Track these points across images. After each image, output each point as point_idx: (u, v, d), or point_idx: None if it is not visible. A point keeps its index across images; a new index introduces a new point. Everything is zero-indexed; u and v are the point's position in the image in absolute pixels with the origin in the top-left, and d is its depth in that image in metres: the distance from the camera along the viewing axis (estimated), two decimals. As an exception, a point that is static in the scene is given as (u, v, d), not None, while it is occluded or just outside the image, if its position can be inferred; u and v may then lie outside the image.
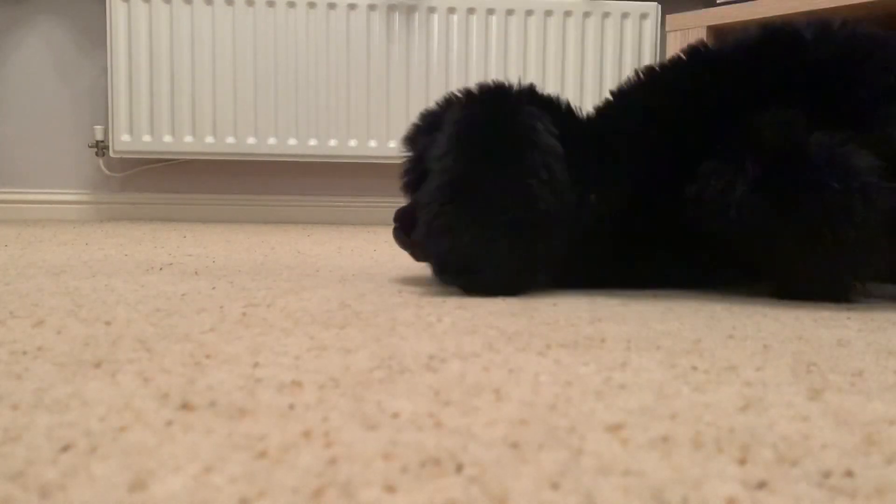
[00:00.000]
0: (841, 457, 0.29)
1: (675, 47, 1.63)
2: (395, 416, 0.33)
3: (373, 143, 1.82)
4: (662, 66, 0.78)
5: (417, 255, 0.81)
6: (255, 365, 0.42)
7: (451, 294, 0.71)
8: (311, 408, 0.34)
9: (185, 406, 0.34)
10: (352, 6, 1.80)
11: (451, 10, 1.82)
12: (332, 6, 1.80)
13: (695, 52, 0.77)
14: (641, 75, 0.78)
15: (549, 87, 1.83)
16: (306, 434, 0.31)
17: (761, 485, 0.26)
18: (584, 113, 0.78)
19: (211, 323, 0.55)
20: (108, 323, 0.54)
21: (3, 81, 1.89)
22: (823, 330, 0.56)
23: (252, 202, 1.93)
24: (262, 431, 0.31)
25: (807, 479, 0.27)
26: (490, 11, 1.82)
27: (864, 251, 0.65)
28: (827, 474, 0.27)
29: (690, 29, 1.52)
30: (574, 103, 0.79)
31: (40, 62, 1.89)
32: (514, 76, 1.83)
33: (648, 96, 0.76)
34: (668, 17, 1.62)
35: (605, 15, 1.83)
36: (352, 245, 1.26)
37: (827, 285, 0.70)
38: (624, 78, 0.81)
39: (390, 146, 1.82)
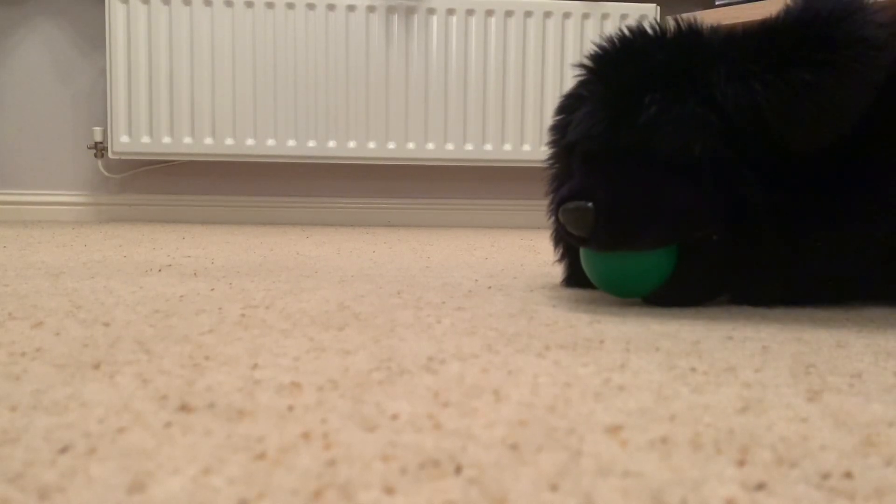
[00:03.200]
0: (840, 458, 0.29)
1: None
2: (394, 417, 0.33)
3: (372, 145, 1.82)
4: None
5: None
6: (254, 366, 0.42)
7: (449, 295, 0.71)
8: (310, 409, 0.34)
9: (184, 407, 0.34)
10: (350, 7, 1.80)
11: (451, 12, 1.82)
12: (330, 7, 1.80)
13: None
14: None
15: (547, 89, 1.83)
16: (305, 435, 0.31)
17: (760, 486, 0.26)
18: None
19: (210, 324, 0.55)
20: (106, 324, 0.54)
21: (2, 83, 1.89)
22: (822, 331, 0.56)
23: (251, 203, 1.93)
24: (261, 433, 0.31)
25: (806, 480, 0.27)
26: (489, 13, 1.82)
27: None
28: (826, 476, 0.27)
29: (689, 30, 1.52)
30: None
31: (39, 63, 1.89)
32: (512, 77, 1.83)
33: None
34: (666, 18, 1.62)
35: (604, 16, 1.83)
36: (350, 246, 1.26)
37: None
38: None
39: (389, 147, 1.82)
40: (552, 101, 1.83)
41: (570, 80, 1.84)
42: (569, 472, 0.27)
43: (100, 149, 1.86)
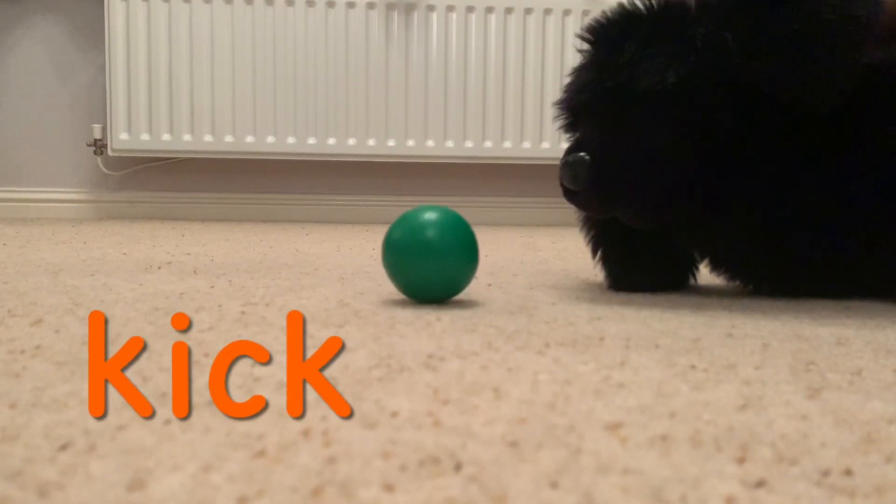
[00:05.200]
0: (840, 455, 0.29)
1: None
2: (394, 414, 0.33)
3: (371, 142, 1.82)
4: None
5: None
6: (254, 364, 0.42)
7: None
8: (310, 406, 0.34)
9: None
10: (350, 4, 1.80)
11: (450, 9, 1.81)
12: (330, 4, 1.79)
13: None
14: None
15: (547, 86, 1.83)
16: (305, 433, 0.31)
17: (760, 483, 0.26)
18: None
19: (209, 322, 0.55)
20: (106, 322, 0.54)
21: (1, 80, 1.89)
22: (822, 328, 0.56)
23: (250, 201, 1.93)
24: (261, 430, 0.31)
25: (806, 477, 0.27)
26: (489, 10, 1.82)
27: None
28: (826, 473, 0.27)
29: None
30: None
31: (38, 61, 1.89)
32: (512, 75, 1.82)
33: None
34: None
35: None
36: (350, 244, 1.26)
37: None
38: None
39: (389, 144, 1.82)
40: (552, 98, 1.83)
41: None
42: (569, 470, 0.27)
43: (99, 146, 1.85)
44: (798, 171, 0.66)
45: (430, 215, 0.62)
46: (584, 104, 0.68)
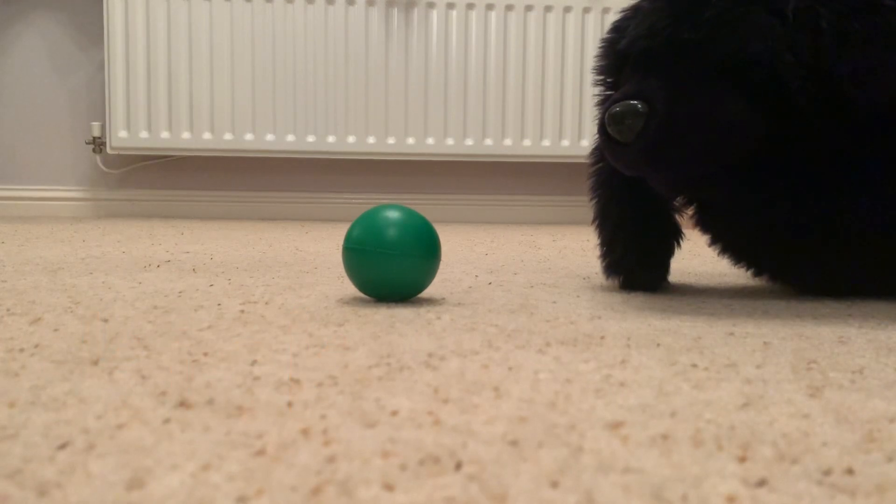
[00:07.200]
0: (841, 454, 0.29)
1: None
2: (394, 413, 0.33)
3: (371, 140, 1.82)
4: None
5: None
6: (253, 362, 0.42)
7: (449, 291, 0.71)
8: (310, 405, 0.34)
9: (183, 404, 0.34)
10: (350, 1, 1.79)
11: (450, 6, 1.81)
12: (330, 1, 1.79)
13: None
14: None
15: (548, 84, 1.83)
16: (305, 432, 0.30)
17: (761, 482, 0.26)
18: None
19: (209, 320, 0.55)
20: (105, 320, 0.54)
21: (0, 77, 1.88)
22: (824, 327, 0.56)
23: (250, 199, 1.92)
24: (261, 429, 0.31)
25: (807, 476, 0.27)
26: (489, 7, 1.82)
27: None
28: (827, 472, 0.27)
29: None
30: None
31: (37, 58, 1.88)
32: (513, 73, 1.82)
33: None
34: None
35: (605, 10, 1.83)
36: (350, 242, 1.25)
37: None
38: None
39: (389, 142, 1.82)
40: (553, 96, 1.83)
41: (570, 75, 1.84)
42: (569, 469, 0.27)
43: (98, 144, 1.85)
44: (868, 174, 0.62)
45: (387, 215, 0.61)
46: (648, 51, 0.62)
